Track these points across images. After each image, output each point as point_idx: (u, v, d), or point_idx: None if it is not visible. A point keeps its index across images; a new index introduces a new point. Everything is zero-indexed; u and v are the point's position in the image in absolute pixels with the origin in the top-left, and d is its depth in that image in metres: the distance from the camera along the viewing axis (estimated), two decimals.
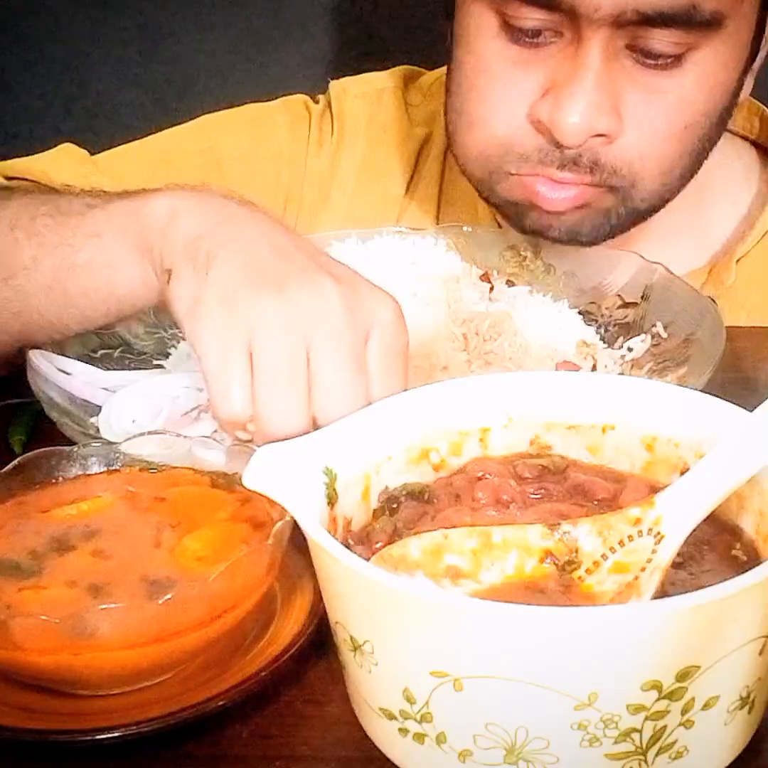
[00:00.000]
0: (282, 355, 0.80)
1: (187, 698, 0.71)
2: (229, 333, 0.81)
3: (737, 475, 0.69)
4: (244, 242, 0.86)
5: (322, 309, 0.81)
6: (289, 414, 0.80)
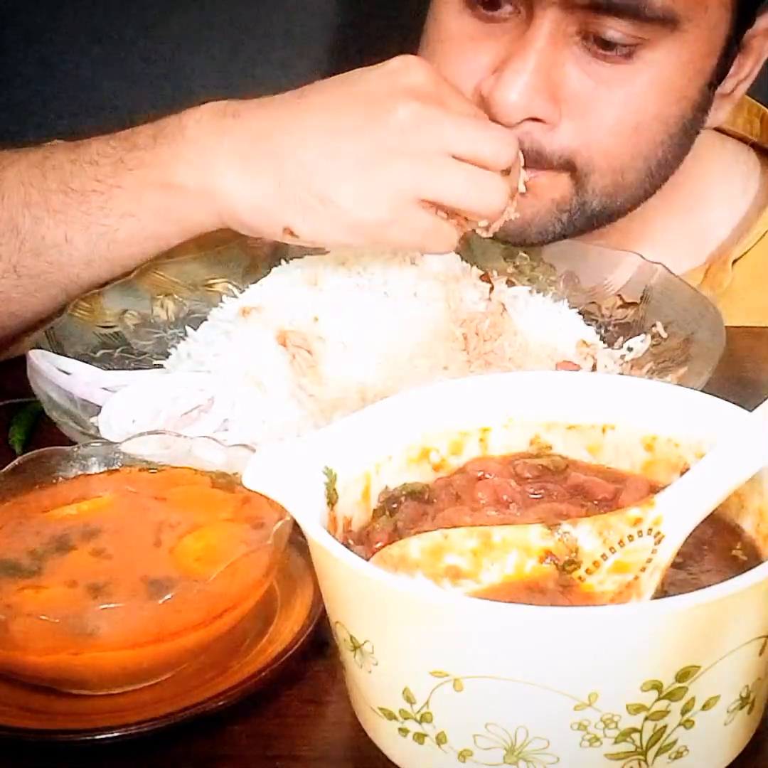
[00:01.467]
0: (447, 178, 0.94)
1: (187, 698, 0.71)
2: (400, 213, 0.93)
3: (737, 475, 0.68)
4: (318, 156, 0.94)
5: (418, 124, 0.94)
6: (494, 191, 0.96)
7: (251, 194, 0.95)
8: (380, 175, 0.93)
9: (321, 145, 0.94)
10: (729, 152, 1.27)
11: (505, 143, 0.97)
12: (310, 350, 0.98)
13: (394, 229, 0.94)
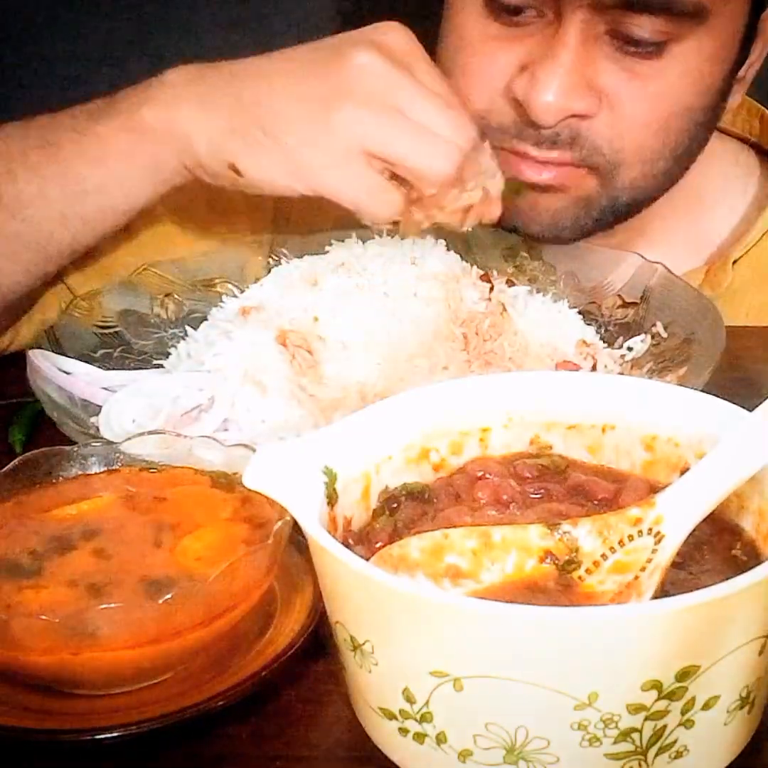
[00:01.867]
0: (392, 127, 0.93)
1: (187, 698, 0.71)
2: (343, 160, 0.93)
3: (737, 474, 0.68)
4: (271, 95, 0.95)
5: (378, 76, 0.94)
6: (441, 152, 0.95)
7: (205, 127, 0.96)
8: (330, 119, 0.92)
9: (279, 84, 0.95)
10: (729, 152, 1.27)
11: (457, 128, 0.97)
12: (310, 350, 0.98)
13: (336, 178, 0.93)
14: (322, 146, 0.92)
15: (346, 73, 0.94)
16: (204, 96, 0.96)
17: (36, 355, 0.97)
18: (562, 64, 1.02)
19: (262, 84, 0.96)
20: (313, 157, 0.92)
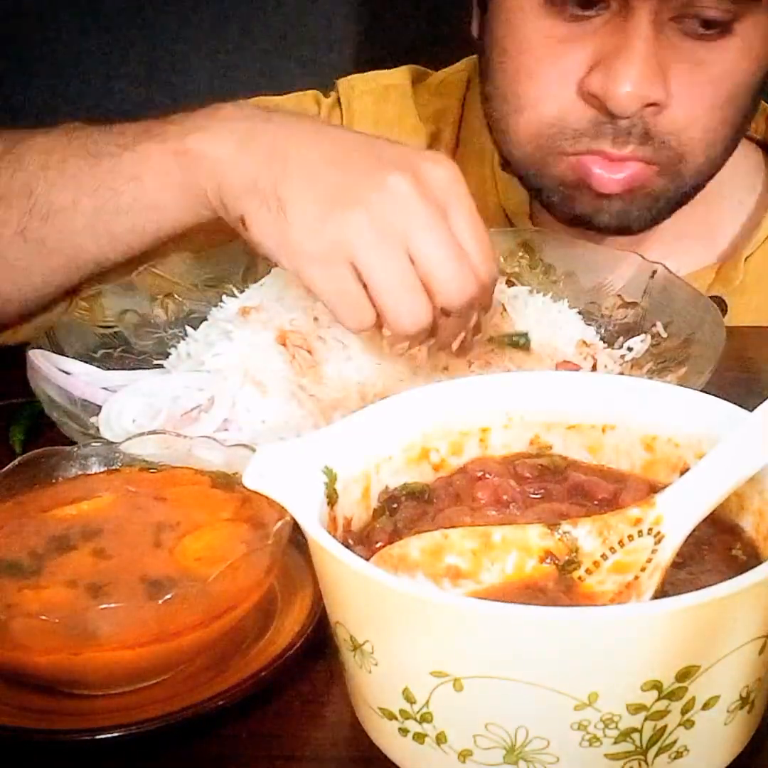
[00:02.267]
0: (387, 260, 0.89)
1: (187, 698, 0.71)
2: (331, 261, 0.89)
3: (737, 474, 0.68)
4: (302, 169, 0.93)
5: (403, 208, 0.90)
6: (416, 312, 0.90)
7: (238, 173, 0.95)
8: (336, 216, 0.90)
9: (312, 162, 0.94)
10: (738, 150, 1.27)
11: (466, 286, 0.91)
12: (310, 350, 0.98)
13: (317, 271, 0.91)
14: (319, 241, 0.90)
15: (374, 187, 0.91)
16: (246, 140, 0.96)
17: (36, 355, 0.97)
18: (637, 53, 1.03)
19: (297, 153, 0.94)
20: (307, 247, 0.91)
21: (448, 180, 0.92)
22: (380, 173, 0.91)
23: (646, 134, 1.07)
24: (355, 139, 0.97)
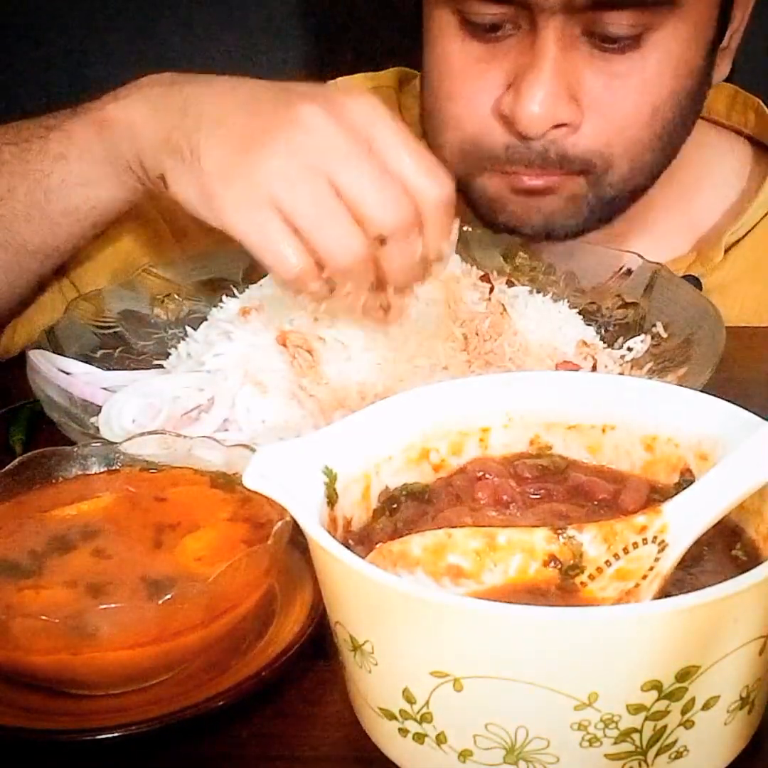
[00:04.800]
0: (311, 196, 0.86)
1: (187, 698, 0.71)
2: (251, 205, 0.86)
3: (745, 487, 0.68)
4: (213, 118, 0.90)
5: (317, 136, 0.86)
6: (351, 241, 0.86)
7: (152, 131, 0.94)
8: (251, 157, 0.88)
9: (224, 112, 0.92)
10: (723, 144, 1.28)
11: (394, 212, 0.86)
12: (311, 350, 0.98)
13: (241, 220, 0.88)
14: (236, 185, 0.87)
15: (287, 122, 0.88)
16: (159, 101, 0.95)
17: (36, 355, 0.97)
18: (543, 73, 1.03)
19: (210, 105, 0.93)
20: (225, 193, 0.88)
21: (368, 110, 0.89)
22: (292, 108, 0.89)
23: (563, 157, 1.06)
24: (268, 84, 0.95)
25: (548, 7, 1.00)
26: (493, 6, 1.03)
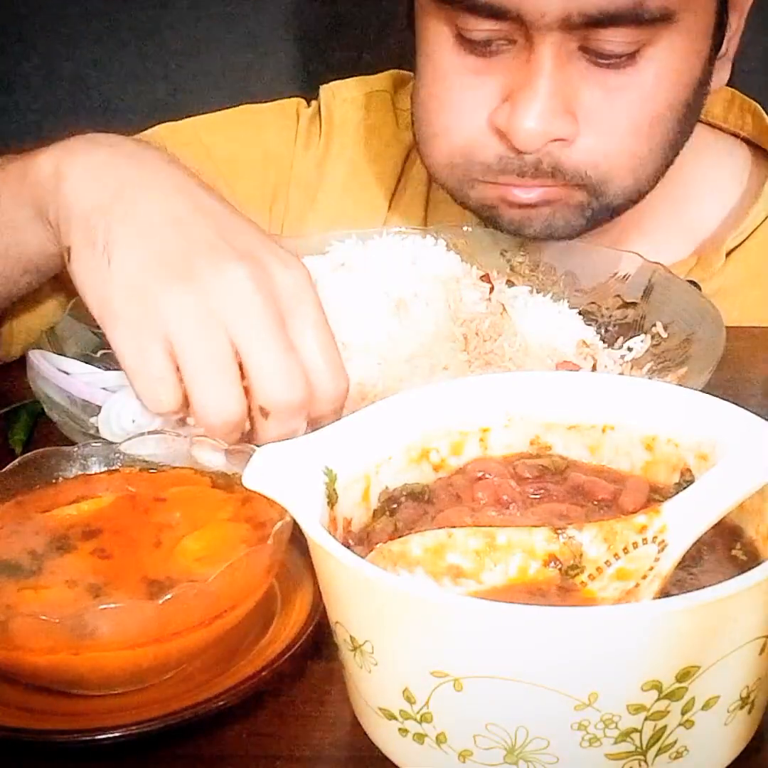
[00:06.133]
0: (204, 347, 0.82)
1: (187, 698, 0.71)
2: (143, 330, 0.83)
3: (745, 487, 0.68)
4: (143, 221, 0.86)
5: (235, 298, 0.83)
6: (224, 403, 0.83)
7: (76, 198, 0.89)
8: (162, 285, 0.83)
9: (157, 214, 0.87)
10: (721, 147, 1.28)
11: (291, 391, 0.84)
12: None
13: (125, 336, 0.84)
14: (136, 307, 0.83)
15: (212, 268, 0.84)
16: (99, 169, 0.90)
17: (36, 355, 0.97)
18: (539, 89, 1.02)
19: (145, 206, 0.87)
20: (122, 307, 0.83)
21: (297, 287, 0.86)
22: (223, 255, 0.84)
23: (556, 168, 1.05)
24: (214, 207, 0.89)
25: (544, 24, 0.99)
26: (488, 22, 1.02)
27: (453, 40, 1.06)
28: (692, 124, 1.13)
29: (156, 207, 0.88)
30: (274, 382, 0.84)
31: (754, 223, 1.22)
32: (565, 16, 0.99)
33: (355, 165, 1.31)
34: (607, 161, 1.07)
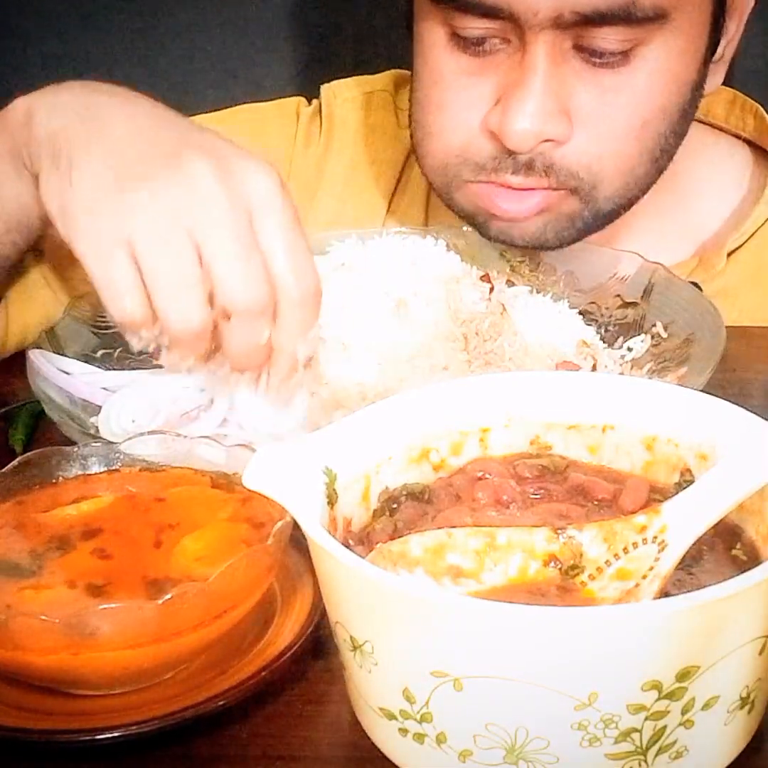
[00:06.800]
0: (167, 254, 0.81)
1: (187, 698, 0.71)
2: (104, 239, 0.82)
3: (743, 487, 0.68)
4: (105, 136, 0.86)
5: (197, 196, 0.82)
6: (189, 311, 0.82)
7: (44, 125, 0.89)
8: (121, 192, 0.82)
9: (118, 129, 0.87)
10: (723, 148, 1.28)
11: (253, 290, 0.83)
12: None
13: (89, 248, 0.83)
14: (98, 217, 0.82)
15: (171, 169, 0.83)
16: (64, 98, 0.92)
17: (36, 355, 0.97)
18: (532, 89, 1.02)
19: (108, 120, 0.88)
20: (84, 219, 0.83)
21: (265, 189, 0.84)
22: (185, 156, 0.83)
23: (549, 168, 1.05)
24: (175, 119, 0.89)
25: (537, 23, 0.99)
26: (482, 21, 1.02)
27: (448, 40, 1.06)
28: (684, 129, 1.12)
29: (120, 123, 0.87)
30: (235, 282, 0.82)
31: (755, 224, 1.22)
32: (558, 15, 0.99)
33: (355, 164, 1.31)
34: (599, 163, 1.06)
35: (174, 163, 0.83)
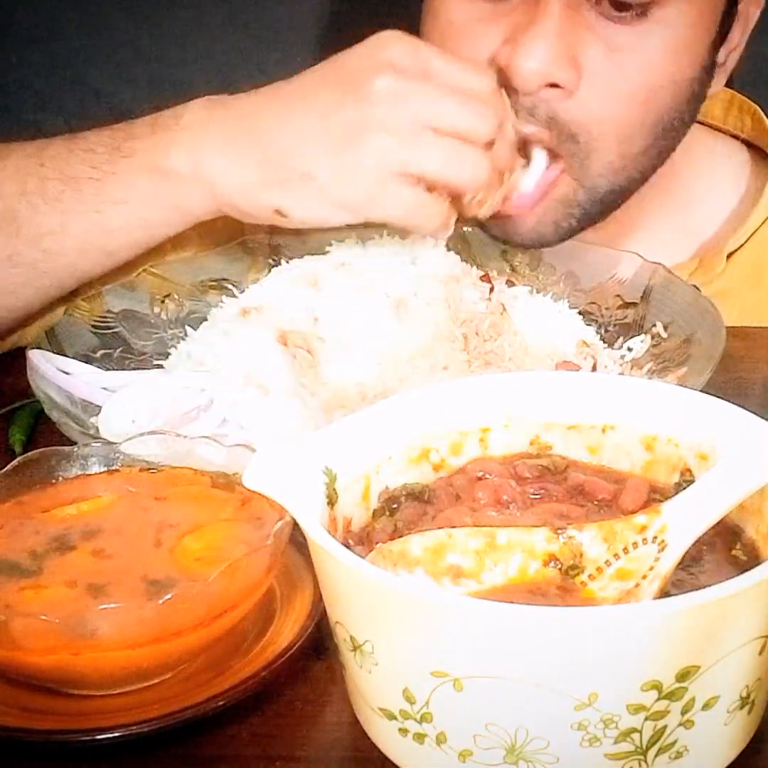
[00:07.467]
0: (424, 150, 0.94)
1: (187, 698, 0.71)
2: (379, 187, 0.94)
3: (743, 487, 0.68)
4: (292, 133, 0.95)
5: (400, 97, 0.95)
6: (474, 164, 0.97)
7: (238, 178, 0.96)
8: (358, 150, 0.93)
9: (298, 124, 0.95)
10: (721, 149, 1.28)
11: (484, 116, 0.98)
12: (311, 350, 0.98)
13: (379, 204, 0.95)
14: (355, 178, 0.94)
15: (367, 102, 0.95)
16: (228, 141, 0.97)
17: (36, 355, 0.97)
18: (545, 31, 1.02)
19: (283, 124, 0.96)
20: (352, 190, 0.94)
21: (410, 50, 0.97)
22: (363, 87, 0.95)
23: (553, 118, 1.05)
24: (317, 76, 0.99)
25: None
26: None
27: None
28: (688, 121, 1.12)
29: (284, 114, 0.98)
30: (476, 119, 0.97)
31: (754, 225, 1.22)
32: None
33: None
34: (599, 126, 1.06)
35: (362, 96, 0.95)
